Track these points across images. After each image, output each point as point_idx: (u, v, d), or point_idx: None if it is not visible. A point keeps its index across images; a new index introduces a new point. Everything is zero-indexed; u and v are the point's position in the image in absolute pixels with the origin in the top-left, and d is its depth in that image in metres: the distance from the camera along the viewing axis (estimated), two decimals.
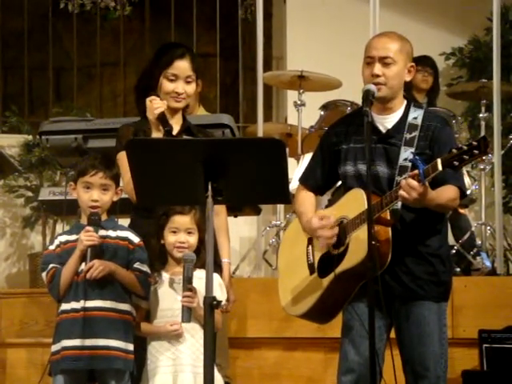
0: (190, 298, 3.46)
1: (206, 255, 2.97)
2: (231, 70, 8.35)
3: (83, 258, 3.49)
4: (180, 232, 3.61)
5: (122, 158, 3.57)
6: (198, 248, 3.61)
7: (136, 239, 3.58)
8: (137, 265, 3.55)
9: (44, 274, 3.55)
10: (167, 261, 3.66)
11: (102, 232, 3.53)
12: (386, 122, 3.53)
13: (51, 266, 3.53)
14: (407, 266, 3.46)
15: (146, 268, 3.56)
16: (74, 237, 3.56)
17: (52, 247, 3.58)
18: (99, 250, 3.50)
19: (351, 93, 5.71)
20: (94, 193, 3.54)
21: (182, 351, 3.55)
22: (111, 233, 3.56)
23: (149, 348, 3.58)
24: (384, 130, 3.53)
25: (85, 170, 3.55)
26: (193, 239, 3.62)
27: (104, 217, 3.58)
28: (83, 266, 3.49)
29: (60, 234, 3.66)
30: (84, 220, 3.59)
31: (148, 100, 3.75)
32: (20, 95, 8.15)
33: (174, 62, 3.77)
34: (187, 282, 3.48)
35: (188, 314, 3.46)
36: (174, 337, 3.55)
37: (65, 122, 5.33)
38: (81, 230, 3.54)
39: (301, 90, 6.40)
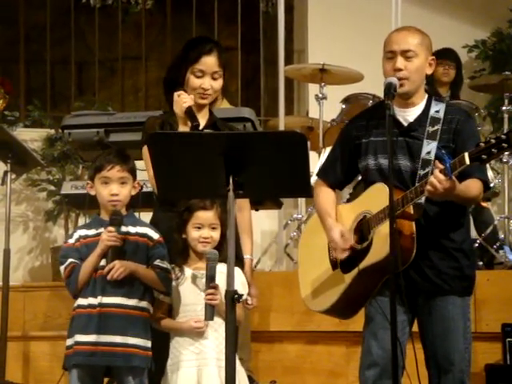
0: (212, 295, 3.47)
1: (228, 249, 2.97)
2: (252, 63, 8.34)
3: (104, 256, 3.49)
4: (204, 227, 3.61)
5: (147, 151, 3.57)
6: (220, 242, 3.61)
7: (155, 235, 3.57)
8: (157, 262, 3.54)
9: (62, 268, 3.54)
10: (189, 255, 3.66)
11: (122, 228, 3.52)
12: (408, 115, 3.52)
13: (70, 260, 3.52)
14: (432, 260, 3.44)
15: (166, 265, 3.56)
16: (93, 231, 3.56)
17: (71, 241, 3.57)
18: (120, 249, 3.49)
19: (373, 86, 5.68)
20: (113, 187, 3.53)
21: (205, 345, 3.55)
22: (131, 229, 3.55)
23: (172, 342, 3.58)
24: (405, 124, 3.51)
25: (101, 166, 3.55)
26: (216, 234, 3.61)
27: (123, 212, 3.57)
28: (103, 262, 3.49)
29: (79, 228, 3.66)
30: (103, 215, 3.58)
31: (176, 94, 3.73)
32: (42, 89, 8.19)
33: (202, 57, 3.75)
34: (210, 280, 3.48)
35: (211, 311, 3.47)
36: (198, 333, 3.55)
37: (87, 115, 5.35)
38: (100, 225, 3.54)
39: (322, 84, 6.39)
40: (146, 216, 3.85)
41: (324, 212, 3.61)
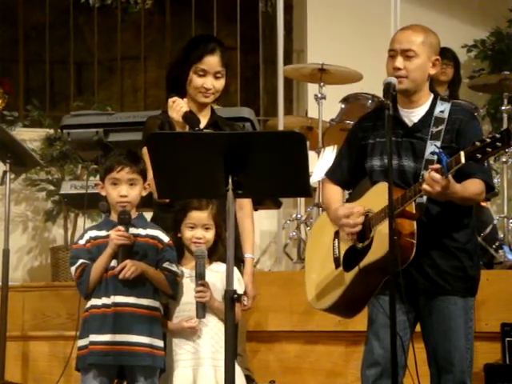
0: (202, 292, 3.48)
1: (227, 249, 2.97)
2: (252, 63, 8.34)
3: (114, 256, 3.48)
4: (197, 228, 3.61)
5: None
6: (215, 241, 3.61)
7: (166, 238, 3.57)
8: (166, 264, 3.54)
9: (73, 269, 3.53)
10: (184, 255, 3.67)
11: (132, 230, 3.51)
12: (412, 115, 3.51)
13: (81, 261, 3.51)
14: (433, 259, 3.43)
15: (175, 268, 3.55)
16: (103, 233, 3.55)
17: (82, 242, 3.56)
18: (130, 249, 3.49)
19: (372, 86, 5.68)
20: (122, 188, 3.53)
21: (201, 345, 3.55)
22: (141, 231, 3.55)
23: (168, 342, 3.58)
24: (410, 124, 3.50)
25: (111, 167, 3.54)
26: (209, 235, 3.61)
27: (134, 214, 3.57)
28: (113, 263, 3.48)
29: (90, 229, 3.63)
30: (114, 217, 3.57)
31: (170, 101, 3.72)
32: (41, 89, 8.19)
33: (204, 57, 3.75)
34: (199, 277, 3.49)
35: (202, 309, 3.48)
36: (191, 332, 3.55)
37: (86, 115, 5.35)
38: (110, 227, 3.53)
39: (321, 83, 6.38)
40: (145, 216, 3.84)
41: (329, 204, 3.62)
